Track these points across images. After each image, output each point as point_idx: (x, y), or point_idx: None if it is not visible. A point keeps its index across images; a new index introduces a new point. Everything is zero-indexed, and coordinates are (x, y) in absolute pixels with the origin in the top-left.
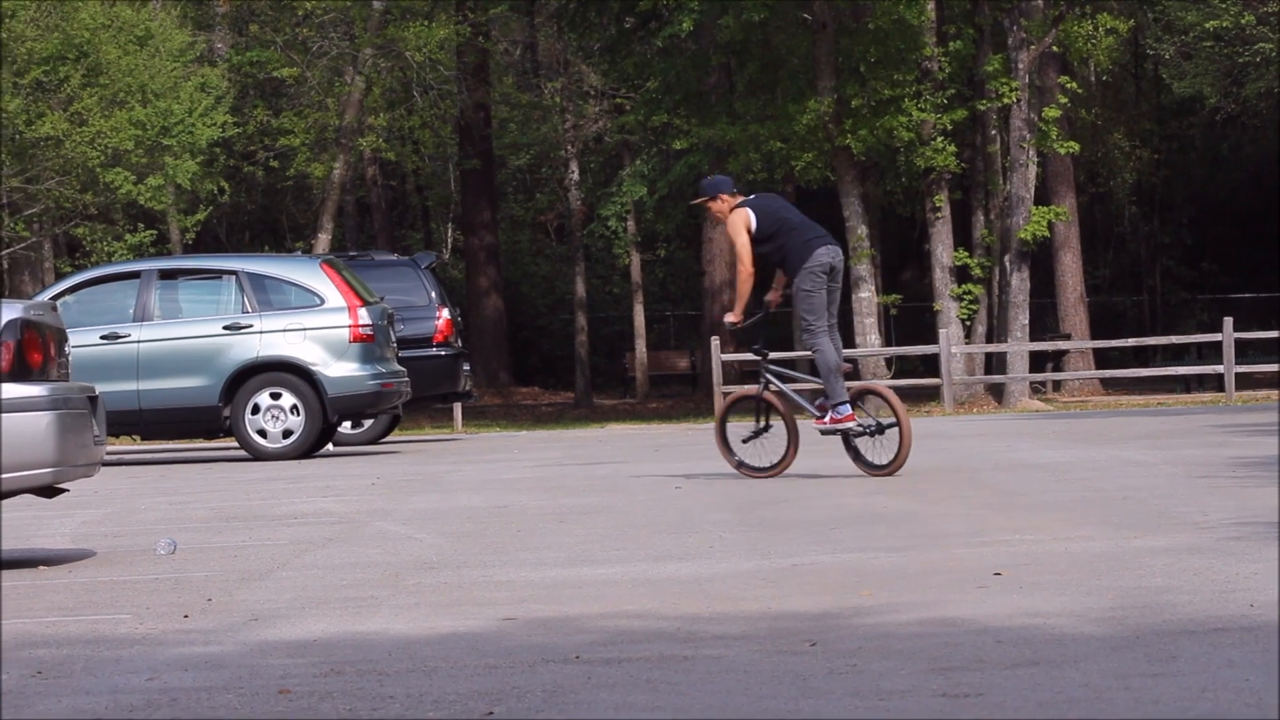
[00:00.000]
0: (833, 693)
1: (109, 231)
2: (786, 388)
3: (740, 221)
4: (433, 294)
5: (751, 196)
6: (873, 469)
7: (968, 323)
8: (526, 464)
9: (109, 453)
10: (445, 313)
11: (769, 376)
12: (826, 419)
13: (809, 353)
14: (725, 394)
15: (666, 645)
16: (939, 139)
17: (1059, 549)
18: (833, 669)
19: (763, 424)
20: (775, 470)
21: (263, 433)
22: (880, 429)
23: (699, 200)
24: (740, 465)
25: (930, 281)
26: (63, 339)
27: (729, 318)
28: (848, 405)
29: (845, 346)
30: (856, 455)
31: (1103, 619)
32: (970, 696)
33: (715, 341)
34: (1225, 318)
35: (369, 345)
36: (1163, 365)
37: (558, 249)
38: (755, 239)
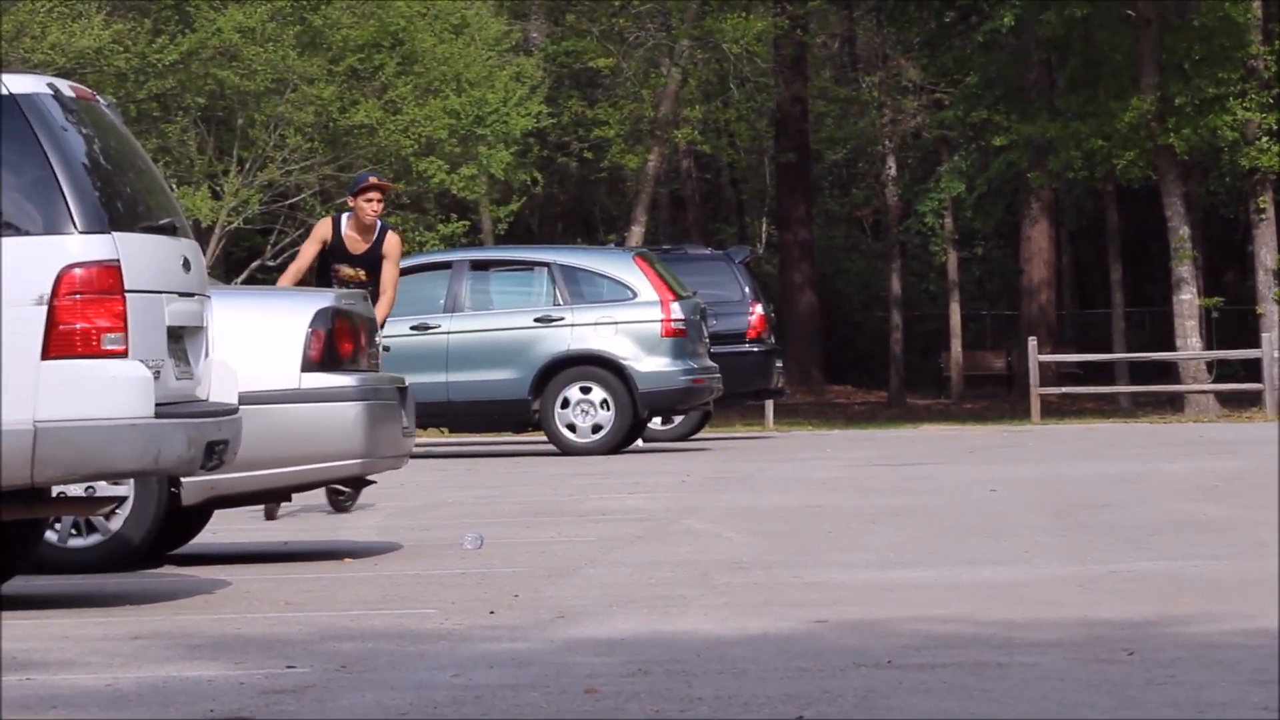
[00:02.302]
0: (1150, 703)
1: (421, 221)
2: None
3: None
4: (746, 289)
5: None
6: None
7: None
8: (838, 463)
9: (417, 444)
10: (759, 308)
11: None
12: None
13: None
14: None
15: (980, 651)
16: (1264, 139)
17: None
18: (1151, 679)
19: None
20: None
21: (572, 427)
22: None
23: None
24: None
25: (1253, 284)
26: (373, 329)
27: None
28: None
29: (1164, 349)
30: None
31: None
32: None
33: (1032, 342)
34: None
35: (681, 340)
36: None
37: (873, 245)
38: None
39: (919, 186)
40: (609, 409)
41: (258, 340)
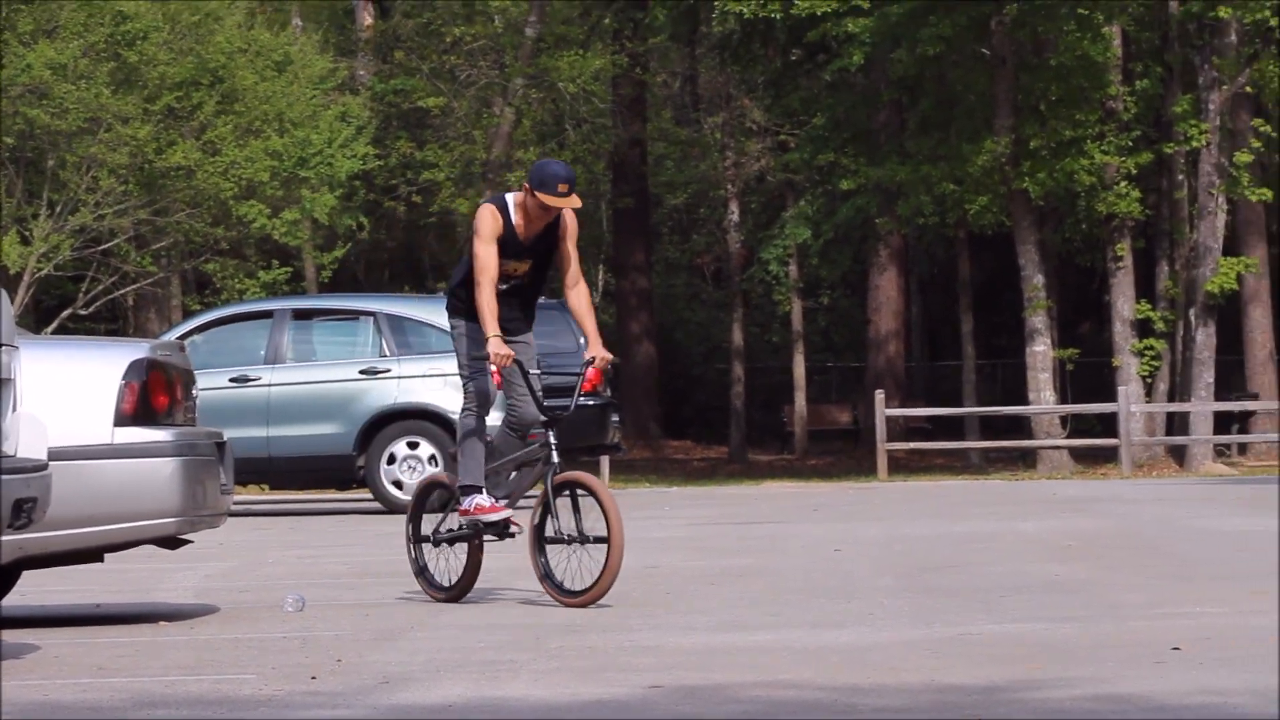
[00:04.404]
0: None
1: (241, 268)
2: None
3: None
4: (581, 339)
5: None
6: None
7: (1149, 380)
8: (677, 522)
9: (236, 502)
10: None
11: None
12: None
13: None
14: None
15: (823, 716)
16: (1122, 183)
17: (1243, 623)
18: None
19: None
20: None
21: (399, 484)
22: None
23: None
24: None
25: (1110, 335)
26: (190, 381)
27: None
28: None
29: (1017, 403)
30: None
31: None
32: None
33: (879, 395)
34: None
35: None
36: None
37: (714, 294)
38: None
39: (763, 233)
40: (437, 464)
41: (68, 393)
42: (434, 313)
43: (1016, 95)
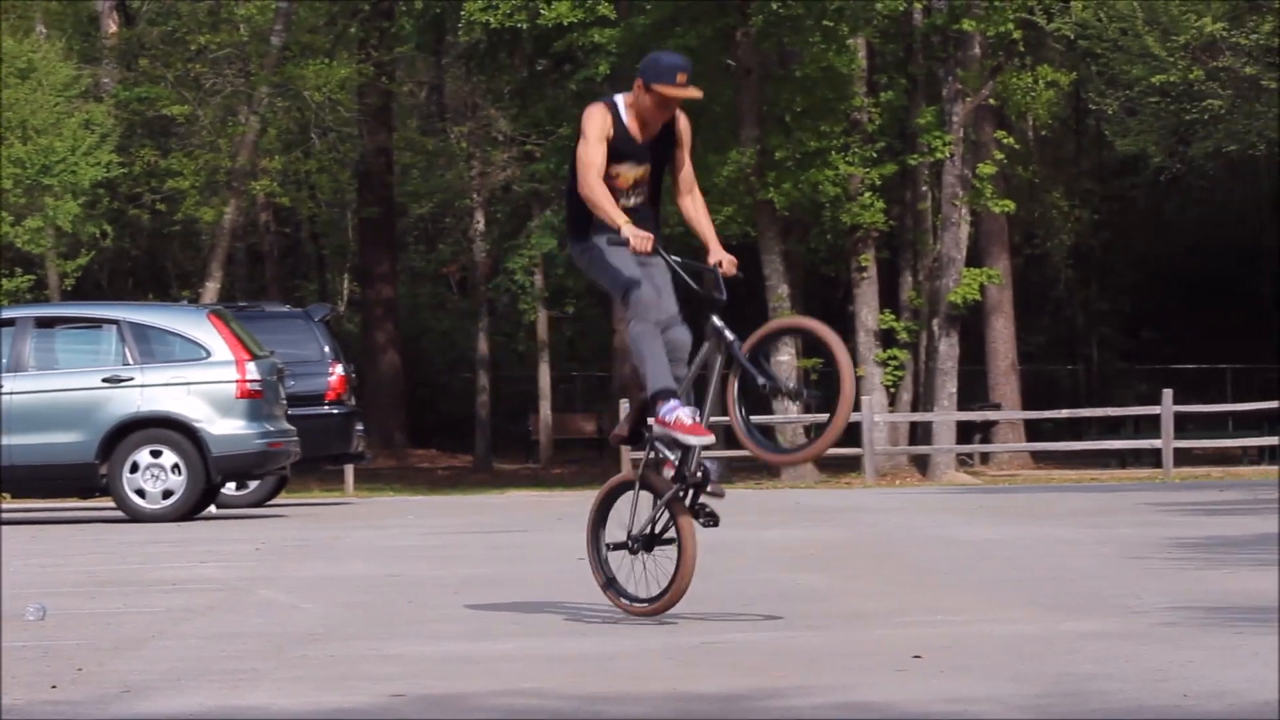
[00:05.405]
0: None
1: None
2: None
3: None
4: (326, 349)
5: None
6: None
7: (892, 390)
8: (421, 531)
9: None
10: (339, 369)
11: None
12: None
13: None
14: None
15: None
16: (867, 194)
17: (983, 631)
18: None
19: None
20: None
21: (141, 493)
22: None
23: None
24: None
25: (854, 346)
26: None
27: None
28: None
29: (762, 412)
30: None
31: (1027, 706)
32: None
33: (624, 404)
34: (1165, 390)
35: (256, 402)
36: (1097, 439)
37: (460, 304)
38: None
39: (509, 242)
40: (180, 473)
41: None
42: (179, 321)
43: (762, 106)
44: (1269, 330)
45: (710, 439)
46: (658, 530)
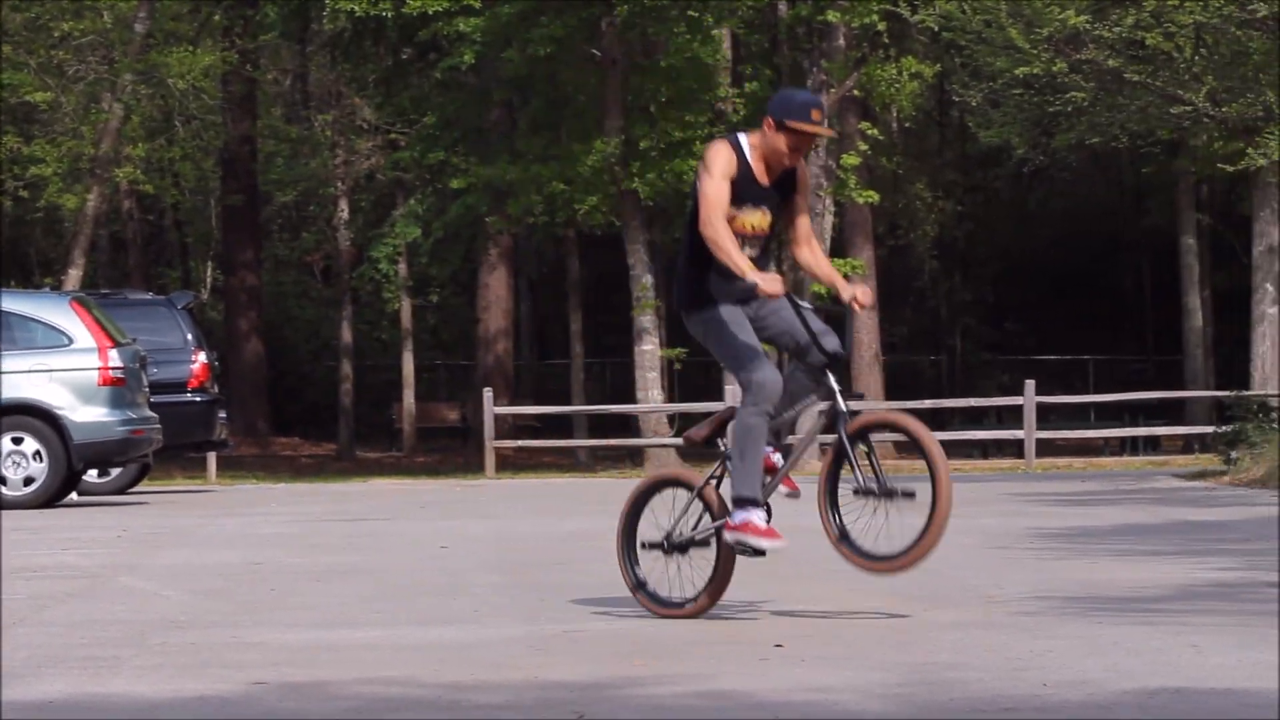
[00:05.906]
0: None
1: None
2: None
3: None
4: (189, 336)
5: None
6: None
7: None
8: (284, 518)
9: None
10: (201, 356)
11: None
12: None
13: None
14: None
15: (426, 714)
16: None
17: (844, 621)
18: None
19: None
20: None
21: (2, 479)
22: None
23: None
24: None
25: None
26: None
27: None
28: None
29: (625, 401)
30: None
31: (888, 695)
32: None
33: (488, 393)
34: (1027, 380)
35: (119, 389)
36: (960, 429)
37: (324, 292)
38: None
39: (373, 231)
40: (42, 460)
41: None
42: (40, 307)
43: (627, 96)
44: (1131, 322)
45: (783, 544)
46: (696, 537)
